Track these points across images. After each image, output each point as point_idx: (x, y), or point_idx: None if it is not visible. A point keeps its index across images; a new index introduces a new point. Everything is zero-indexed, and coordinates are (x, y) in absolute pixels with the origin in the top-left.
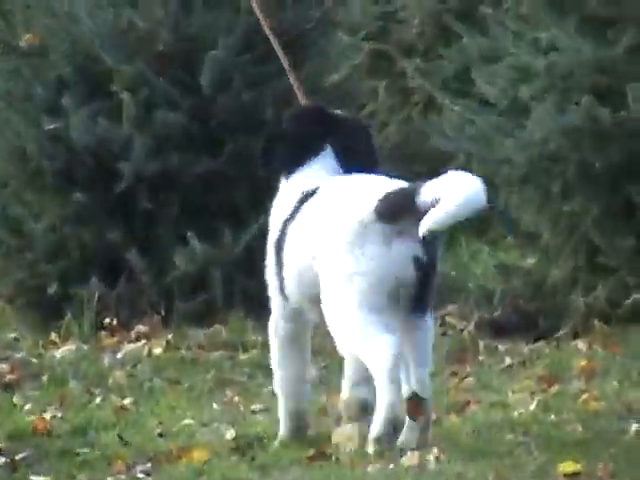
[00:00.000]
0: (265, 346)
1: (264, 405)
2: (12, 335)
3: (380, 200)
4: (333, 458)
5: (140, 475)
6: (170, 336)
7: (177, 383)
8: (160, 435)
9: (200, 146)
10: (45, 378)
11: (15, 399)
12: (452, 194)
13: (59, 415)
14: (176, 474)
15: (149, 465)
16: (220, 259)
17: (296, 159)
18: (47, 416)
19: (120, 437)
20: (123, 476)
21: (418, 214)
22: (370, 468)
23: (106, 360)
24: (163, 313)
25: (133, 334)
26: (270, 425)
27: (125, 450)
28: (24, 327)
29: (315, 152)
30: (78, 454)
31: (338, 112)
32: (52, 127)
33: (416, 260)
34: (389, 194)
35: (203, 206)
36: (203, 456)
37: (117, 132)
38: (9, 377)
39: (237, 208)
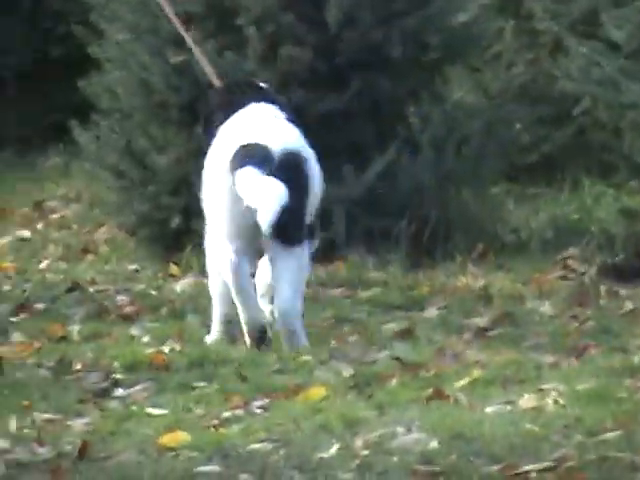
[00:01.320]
0: (386, 284)
1: (382, 343)
2: (132, 267)
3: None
4: (451, 399)
5: (257, 410)
6: None
7: None
8: (278, 371)
9: (325, 83)
10: (164, 311)
11: (133, 331)
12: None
13: (177, 348)
14: (293, 410)
15: (266, 401)
16: (342, 197)
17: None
18: (165, 349)
19: (238, 372)
20: (240, 411)
21: None
22: (488, 409)
23: None
24: None
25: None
26: (390, 364)
27: (242, 385)
28: (145, 259)
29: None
30: (195, 388)
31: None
32: (178, 60)
33: None
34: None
35: (326, 144)
36: (320, 393)
37: (242, 67)
38: (128, 309)
39: (360, 146)
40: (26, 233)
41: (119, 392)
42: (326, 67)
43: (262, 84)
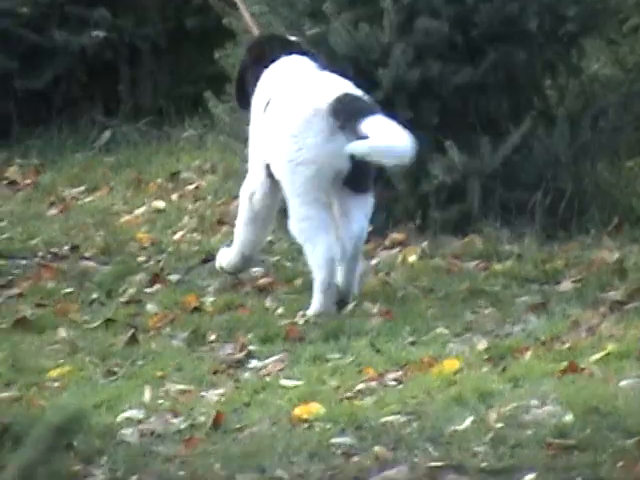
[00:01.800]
0: (521, 257)
1: (517, 316)
2: (268, 238)
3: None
4: (586, 372)
5: (391, 383)
6: (425, 244)
7: (431, 292)
8: (412, 343)
9: (461, 55)
10: (298, 282)
11: (268, 303)
12: (382, 139)
13: (312, 320)
14: (427, 383)
15: (400, 373)
16: (478, 169)
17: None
18: (299, 321)
19: (372, 344)
20: (374, 383)
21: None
22: (623, 383)
23: (360, 266)
24: (418, 221)
25: (388, 241)
26: (524, 337)
27: (377, 357)
28: (279, 231)
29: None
30: (329, 360)
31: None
32: (313, 32)
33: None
34: (345, 95)
35: (462, 116)
36: (454, 366)
37: (378, 39)
38: (263, 280)
39: (496, 119)
40: (161, 204)
41: (253, 363)
42: (462, 39)
43: (293, 38)
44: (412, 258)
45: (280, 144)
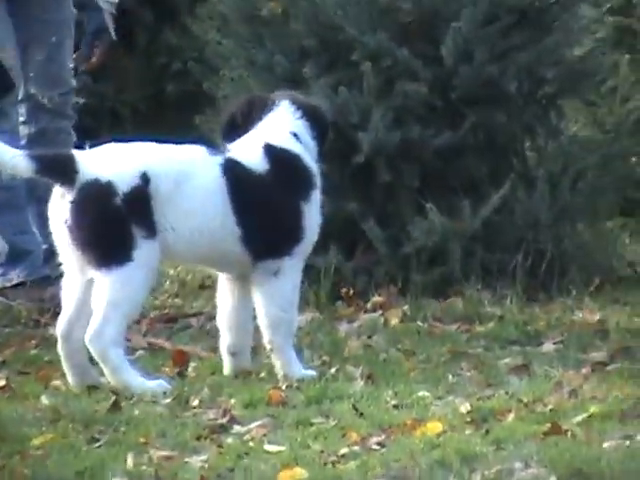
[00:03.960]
0: (502, 319)
1: (499, 379)
2: None
3: None
4: (568, 434)
5: (375, 446)
6: (406, 307)
7: (413, 354)
8: (395, 407)
9: (440, 118)
10: None
11: (250, 367)
12: None
13: (294, 385)
14: (410, 446)
15: (383, 437)
16: (459, 232)
17: None
18: (282, 386)
19: (355, 408)
20: (357, 447)
21: None
22: (606, 445)
23: (342, 330)
24: (400, 284)
25: (369, 305)
26: (506, 399)
27: (359, 421)
28: None
29: None
30: (312, 424)
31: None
32: None
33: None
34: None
35: (442, 179)
36: (437, 429)
37: (357, 102)
38: None
39: (476, 181)
40: None
41: (236, 428)
42: (441, 102)
43: None
44: (394, 321)
45: None
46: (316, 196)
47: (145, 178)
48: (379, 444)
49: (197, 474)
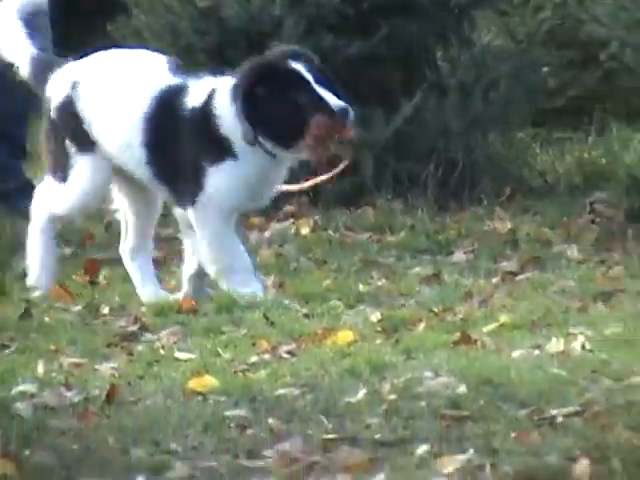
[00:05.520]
0: (414, 229)
1: (410, 288)
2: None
3: None
4: (478, 343)
5: (285, 355)
6: (318, 217)
7: (324, 264)
8: (306, 316)
9: (353, 27)
10: None
11: (161, 276)
12: None
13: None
14: (321, 355)
15: (294, 345)
16: (371, 142)
17: None
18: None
19: (266, 316)
20: (267, 356)
21: None
22: (515, 354)
23: (253, 239)
24: (311, 194)
25: (281, 214)
26: (417, 309)
27: (270, 330)
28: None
29: None
30: (223, 332)
31: None
32: (205, 4)
33: None
34: None
35: (354, 88)
36: (348, 338)
37: (269, 11)
38: (156, 254)
39: (388, 91)
40: None
41: (147, 336)
42: (354, 11)
43: None
44: (305, 230)
45: None
46: (232, 154)
47: None
48: (289, 353)
49: (107, 381)
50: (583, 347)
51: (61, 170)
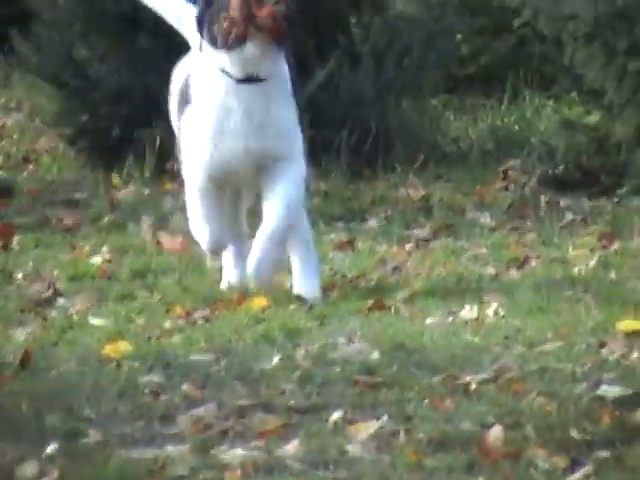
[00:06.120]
0: (327, 195)
1: (324, 254)
2: (72, 177)
3: None
4: (392, 310)
5: (199, 321)
6: None
7: None
8: (220, 281)
9: None
10: (105, 221)
11: (75, 241)
12: None
13: (118, 259)
14: (235, 321)
15: (208, 311)
16: None
17: None
18: (106, 259)
19: (180, 282)
20: (181, 321)
21: None
22: (429, 320)
23: (167, 204)
24: None
25: None
26: (331, 275)
27: (184, 295)
28: (85, 170)
29: None
30: (137, 298)
31: None
32: None
33: None
34: None
35: None
36: (262, 304)
37: None
38: (69, 219)
39: (302, 57)
40: None
41: (61, 302)
42: None
43: None
44: None
45: None
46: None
47: None
48: (204, 319)
49: (21, 347)
50: (496, 314)
51: None
